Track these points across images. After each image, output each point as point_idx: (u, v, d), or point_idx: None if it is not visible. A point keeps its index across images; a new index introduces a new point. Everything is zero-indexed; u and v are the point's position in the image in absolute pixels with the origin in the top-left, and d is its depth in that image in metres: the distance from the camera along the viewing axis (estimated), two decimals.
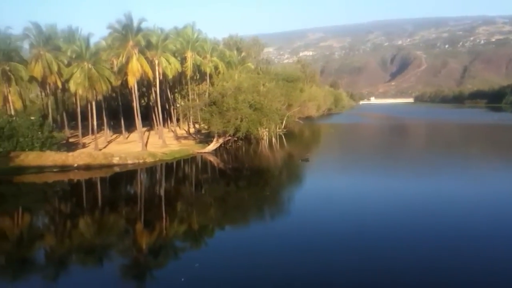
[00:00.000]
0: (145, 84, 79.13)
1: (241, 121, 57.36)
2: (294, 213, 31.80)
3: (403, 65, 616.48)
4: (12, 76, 57.88)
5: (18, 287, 20.72)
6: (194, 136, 72.14)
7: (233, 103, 57.53)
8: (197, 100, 72.76)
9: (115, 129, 78.12)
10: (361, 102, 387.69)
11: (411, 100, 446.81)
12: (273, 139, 71.69)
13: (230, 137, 61.40)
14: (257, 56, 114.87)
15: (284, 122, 75.71)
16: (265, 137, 70.08)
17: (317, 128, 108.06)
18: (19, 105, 60.13)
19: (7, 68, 57.13)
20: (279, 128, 74.42)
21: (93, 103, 60.22)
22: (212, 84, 77.53)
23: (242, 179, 46.88)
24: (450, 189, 37.65)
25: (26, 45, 63.64)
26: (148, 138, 67.36)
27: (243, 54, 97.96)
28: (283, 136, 75.81)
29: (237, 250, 24.00)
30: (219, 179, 47.01)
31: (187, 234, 28.25)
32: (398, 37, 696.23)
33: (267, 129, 67.87)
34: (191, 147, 62.12)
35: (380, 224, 27.44)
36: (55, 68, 59.82)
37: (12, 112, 57.20)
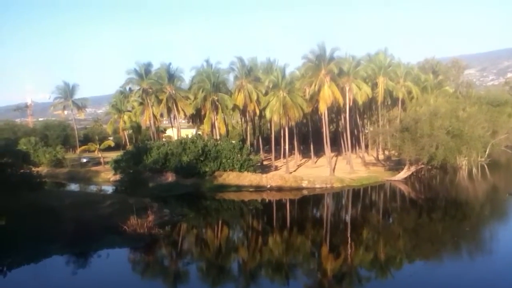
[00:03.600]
0: (334, 110, 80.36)
1: (436, 148, 53.09)
2: (499, 255, 27.60)
3: None
4: (219, 105, 65.62)
5: None
6: (383, 163, 69.69)
7: (428, 129, 53.77)
8: (388, 126, 70.35)
9: (304, 153, 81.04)
10: None
11: None
12: (474, 169, 64.35)
13: (423, 165, 57.36)
14: (456, 79, 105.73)
15: (487, 150, 67.34)
16: (464, 167, 63.34)
17: None
18: (223, 130, 67.67)
19: (216, 98, 64.99)
20: (481, 157, 66.43)
21: (286, 129, 63.72)
22: (404, 109, 74.22)
23: (436, 210, 43.04)
24: None
25: (231, 77, 71.74)
26: (335, 163, 67.79)
27: (440, 77, 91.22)
28: (485, 166, 67.41)
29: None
30: (410, 209, 44.15)
31: (373, 263, 27.06)
32: None
33: (466, 158, 61.23)
34: (379, 174, 60.16)
35: None
36: (254, 97, 65.65)
37: (218, 137, 64.63)
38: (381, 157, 74.13)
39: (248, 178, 53.82)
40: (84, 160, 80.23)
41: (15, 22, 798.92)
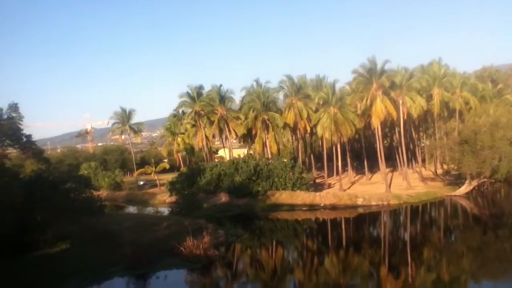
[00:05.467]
0: (387, 125, 78.38)
1: (499, 160, 50.29)
2: None
3: None
4: (269, 124, 65.95)
5: None
6: (442, 177, 66.76)
7: (489, 140, 51.11)
8: (445, 139, 67.50)
9: (358, 170, 79.34)
10: None
11: None
12: None
13: (485, 179, 54.42)
14: None
15: None
16: None
17: None
18: (274, 149, 67.74)
19: (266, 117, 65.43)
20: None
21: (338, 145, 62.87)
22: (462, 121, 71.16)
23: (502, 227, 40.49)
24: None
25: (280, 95, 72.04)
26: (391, 180, 65.74)
27: (499, 86, 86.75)
28: None
29: None
30: (473, 226, 41.91)
31: (436, 284, 25.78)
32: None
33: None
34: (439, 190, 57.68)
35: None
36: (305, 114, 65.38)
37: (269, 156, 64.77)
38: (439, 171, 71.10)
39: (301, 197, 53.32)
40: (141, 183, 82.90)
41: (71, 55, 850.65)
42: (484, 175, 51.78)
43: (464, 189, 54.59)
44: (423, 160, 76.61)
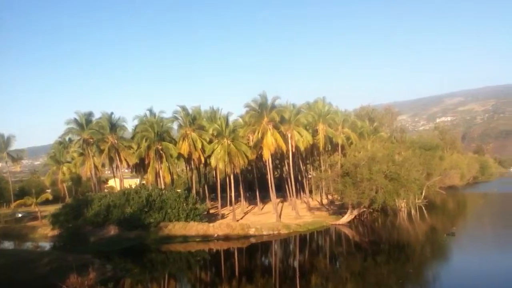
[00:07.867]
0: (278, 157, 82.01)
1: (376, 192, 55.29)
2: None
3: None
4: (163, 154, 65.07)
5: None
6: (327, 207, 71.23)
7: (367, 173, 56.06)
8: (329, 171, 72.51)
9: (251, 200, 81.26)
10: None
11: None
12: (412, 211, 67.17)
13: (365, 209, 59.29)
14: (390, 125, 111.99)
15: (423, 192, 70.94)
16: (403, 209, 66.09)
17: (462, 198, 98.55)
18: (168, 179, 66.74)
19: (160, 147, 64.54)
20: (418, 199, 69.69)
21: (231, 176, 63.98)
22: (344, 155, 77.23)
23: (380, 253, 44.16)
24: None
25: (175, 126, 71.77)
26: (281, 209, 68.43)
27: (375, 123, 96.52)
28: (423, 208, 70.67)
29: None
30: (355, 253, 45.07)
31: None
32: None
33: (405, 200, 64.08)
34: (324, 219, 61.30)
35: None
36: (199, 145, 65.80)
37: (163, 186, 63.56)
38: (325, 201, 75.77)
39: (195, 228, 52.87)
40: (20, 215, 75.59)
41: None
42: (364, 205, 56.43)
43: (346, 218, 58.74)
44: (310, 191, 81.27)
